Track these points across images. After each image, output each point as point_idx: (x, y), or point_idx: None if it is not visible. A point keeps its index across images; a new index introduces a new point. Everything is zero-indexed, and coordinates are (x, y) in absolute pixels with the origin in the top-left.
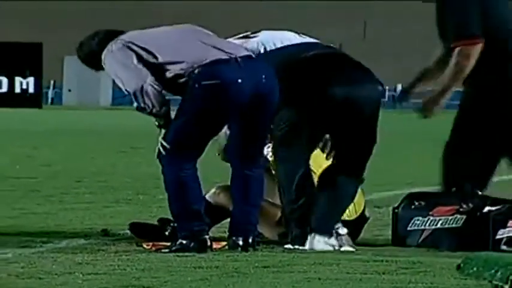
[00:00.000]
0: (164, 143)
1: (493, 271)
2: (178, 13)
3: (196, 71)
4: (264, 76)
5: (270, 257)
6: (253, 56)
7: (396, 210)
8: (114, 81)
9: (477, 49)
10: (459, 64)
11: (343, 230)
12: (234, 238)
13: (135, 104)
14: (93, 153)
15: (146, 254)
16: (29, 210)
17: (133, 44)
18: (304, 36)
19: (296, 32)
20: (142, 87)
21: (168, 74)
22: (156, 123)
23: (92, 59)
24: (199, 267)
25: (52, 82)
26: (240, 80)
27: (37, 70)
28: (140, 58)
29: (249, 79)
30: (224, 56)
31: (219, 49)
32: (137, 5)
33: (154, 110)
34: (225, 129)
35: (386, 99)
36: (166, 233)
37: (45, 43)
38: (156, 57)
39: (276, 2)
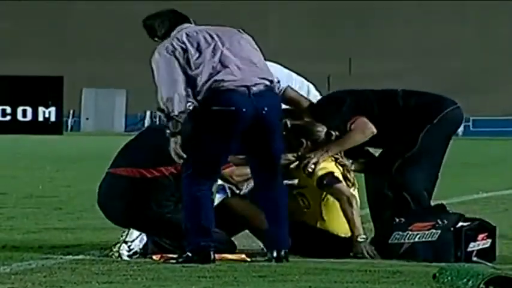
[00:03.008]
0: (183, 156)
1: (465, 280)
2: None
3: (207, 95)
4: (265, 108)
5: (265, 267)
6: (270, 86)
7: (378, 226)
8: (127, 110)
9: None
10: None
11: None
12: (269, 252)
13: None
14: None
15: (155, 265)
16: (51, 226)
17: (179, 50)
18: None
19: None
20: (173, 95)
21: (193, 82)
22: (168, 131)
23: (149, 32)
24: (203, 276)
25: (71, 111)
26: (244, 109)
27: (58, 101)
28: (179, 64)
29: (253, 109)
30: (241, 88)
31: (242, 76)
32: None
33: (172, 114)
34: None
35: None
36: None
37: (64, 76)
38: (191, 69)
39: None
